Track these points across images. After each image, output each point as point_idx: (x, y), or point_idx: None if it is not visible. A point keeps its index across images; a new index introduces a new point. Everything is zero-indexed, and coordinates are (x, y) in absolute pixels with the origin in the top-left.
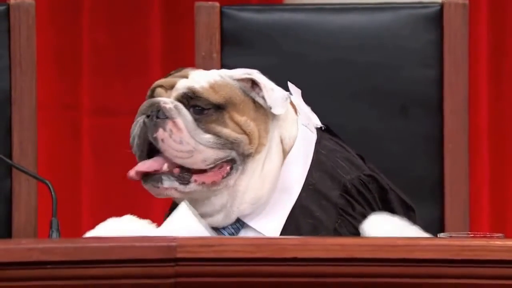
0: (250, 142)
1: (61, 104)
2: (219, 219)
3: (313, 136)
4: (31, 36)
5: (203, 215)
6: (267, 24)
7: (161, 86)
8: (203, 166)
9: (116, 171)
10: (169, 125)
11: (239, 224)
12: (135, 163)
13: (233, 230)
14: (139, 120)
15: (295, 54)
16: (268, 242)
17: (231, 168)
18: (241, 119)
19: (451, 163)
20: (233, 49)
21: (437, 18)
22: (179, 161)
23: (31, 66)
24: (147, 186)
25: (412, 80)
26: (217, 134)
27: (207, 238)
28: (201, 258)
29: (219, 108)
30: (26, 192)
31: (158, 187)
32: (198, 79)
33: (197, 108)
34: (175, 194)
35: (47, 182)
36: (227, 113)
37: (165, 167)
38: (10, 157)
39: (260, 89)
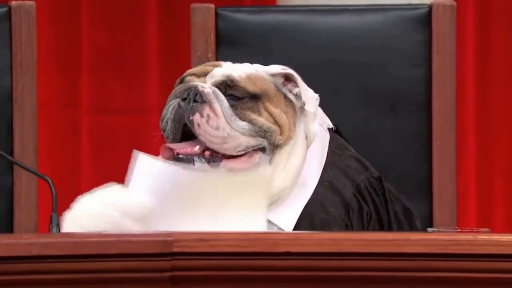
0: (281, 133)
1: (61, 103)
2: None
3: (327, 135)
4: (32, 37)
5: None
6: (260, 25)
7: (193, 74)
8: (234, 153)
9: (115, 167)
10: (207, 110)
11: None
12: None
13: None
14: (173, 103)
15: (287, 54)
16: (262, 236)
17: (260, 158)
18: (275, 110)
19: (439, 160)
20: (227, 49)
21: (426, 19)
22: (212, 146)
23: (31, 66)
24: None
25: (401, 80)
26: (251, 122)
27: (203, 233)
28: (196, 252)
29: (254, 97)
30: (27, 188)
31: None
32: (235, 68)
33: (233, 96)
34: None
35: (47, 178)
36: (261, 103)
37: (197, 148)
38: (12, 154)
39: (295, 85)
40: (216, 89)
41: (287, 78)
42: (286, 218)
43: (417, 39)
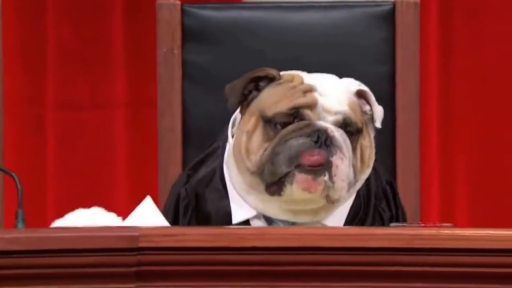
0: (361, 170)
1: (27, 99)
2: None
3: None
4: None
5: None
6: (226, 21)
7: (305, 107)
8: (337, 196)
9: (81, 163)
10: (339, 153)
11: None
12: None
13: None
14: (299, 141)
15: (253, 51)
16: (228, 231)
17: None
18: (364, 144)
19: (403, 156)
20: (193, 45)
21: (390, 16)
22: (338, 183)
23: None
24: (304, 176)
25: (366, 76)
26: (354, 166)
27: (168, 228)
28: (162, 247)
29: (358, 132)
30: None
31: (316, 180)
32: (339, 98)
33: (348, 133)
34: (318, 190)
35: (13, 174)
36: (359, 139)
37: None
38: None
39: (365, 102)
40: (343, 133)
41: (360, 95)
42: (337, 221)
43: (381, 36)
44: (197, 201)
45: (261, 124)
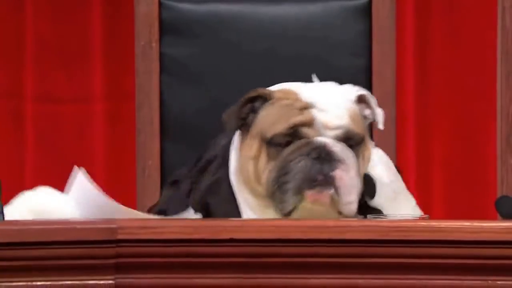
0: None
1: (5, 92)
2: None
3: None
4: None
5: None
6: (204, 14)
7: (303, 125)
8: (353, 208)
9: (59, 156)
10: (342, 166)
11: None
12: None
13: None
14: (300, 160)
15: (230, 44)
16: (206, 224)
17: None
18: (367, 154)
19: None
20: (171, 38)
21: (366, 9)
22: (345, 196)
23: None
24: (314, 191)
25: (343, 69)
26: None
27: (147, 220)
28: (141, 239)
29: (360, 142)
30: None
31: (322, 193)
32: (339, 112)
33: (350, 146)
34: (326, 201)
35: None
36: (362, 149)
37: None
38: None
39: (366, 105)
40: (344, 146)
41: (360, 100)
42: None
43: (358, 29)
44: (207, 212)
45: (264, 147)
